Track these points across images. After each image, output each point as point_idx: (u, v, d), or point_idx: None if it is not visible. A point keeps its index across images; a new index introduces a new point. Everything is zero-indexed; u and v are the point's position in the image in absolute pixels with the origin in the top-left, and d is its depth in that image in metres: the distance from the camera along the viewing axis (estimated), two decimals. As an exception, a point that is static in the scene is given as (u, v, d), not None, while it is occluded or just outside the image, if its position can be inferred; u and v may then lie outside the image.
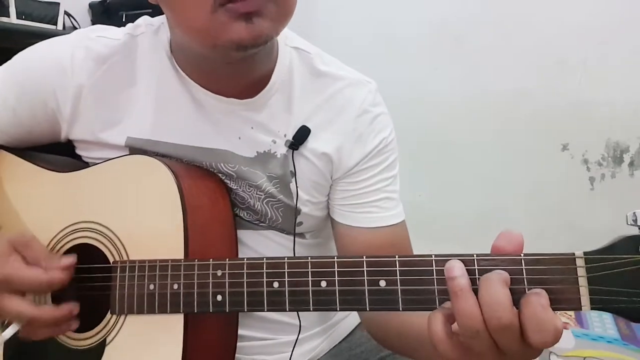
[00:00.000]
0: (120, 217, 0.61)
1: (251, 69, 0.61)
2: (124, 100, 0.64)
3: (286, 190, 0.65)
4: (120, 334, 0.58)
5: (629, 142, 1.81)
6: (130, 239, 0.59)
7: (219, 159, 0.64)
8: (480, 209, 1.96)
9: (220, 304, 0.53)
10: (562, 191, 1.88)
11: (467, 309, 0.40)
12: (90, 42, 0.64)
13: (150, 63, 0.64)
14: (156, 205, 0.59)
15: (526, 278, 0.42)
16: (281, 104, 0.64)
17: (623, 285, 0.40)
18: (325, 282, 0.49)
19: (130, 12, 1.61)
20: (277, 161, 0.64)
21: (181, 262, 0.56)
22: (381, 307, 0.47)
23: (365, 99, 0.66)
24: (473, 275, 0.43)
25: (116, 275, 0.58)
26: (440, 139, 2.03)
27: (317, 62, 0.66)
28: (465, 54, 1.98)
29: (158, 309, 0.56)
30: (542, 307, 0.39)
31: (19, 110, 0.65)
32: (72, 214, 0.63)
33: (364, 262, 0.48)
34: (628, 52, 1.76)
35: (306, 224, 0.67)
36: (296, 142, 0.63)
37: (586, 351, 1.57)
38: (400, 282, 0.46)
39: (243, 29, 0.50)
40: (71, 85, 0.63)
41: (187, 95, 0.63)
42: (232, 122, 0.63)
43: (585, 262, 0.41)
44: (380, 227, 0.65)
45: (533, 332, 0.39)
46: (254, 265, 0.52)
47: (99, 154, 0.66)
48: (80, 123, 0.65)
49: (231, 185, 0.65)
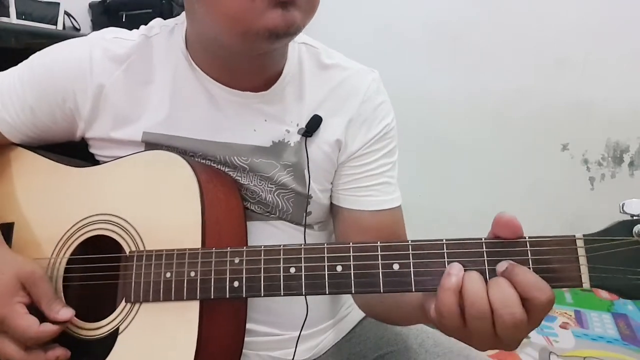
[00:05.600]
0: (138, 210, 0.63)
1: (268, 63, 0.65)
2: (141, 98, 0.67)
3: (300, 177, 0.68)
4: (134, 323, 0.59)
5: (629, 142, 1.82)
6: (148, 230, 0.61)
7: (232, 152, 0.67)
8: (480, 208, 1.94)
9: (237, 289, 0.55)
10: (562, 191, 1.89)
11: (447, 301, 0.45)
12: (107, 43, 0.67)
13: (165, 62, 0.67)
14: (175, 198, 0.61)
15: (531, 259, 0.46)
16: (292, 95, 0.68)
17: (618, 263, 0.44)
18: (340, 266, 0.52)
19: (130, 12, 1.62)
20: (291, 150, 0.68)
21: (199, 251, 0.58)
22: (394, 288, 0.50)
23: (369, 87, 0.71)
24: (482, 257, 0.47)
25: (132, 264, 0.60)
26: (439, 138, 2.04)
27: (323, 56, 0.71)
28: (464, 54, 1.99)
29: (174, 296, 0.57)
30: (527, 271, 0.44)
31: (37, 110, 0.67)
32: (89, 207, 0.65)
33: (378, 247, 0.51)
34: (628, 51, 1.78)
35: (314, 213, 0.71)
36: (309, 129, 0.67)
37: (586, 351, 1.58)
38: (413, 265, 0.49)
39: (279, 16, 0.53)
40: (91, 85, 0.66)
41: (202, 90, 0.66)
42: (246, 114, 0.67)
43: (585, 243, 0.45)
44: (381, 210, 0.69)
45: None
46: (271, 251, 0.55)
47: (115, 151, 0.68)
48: (99, 121, 0.68)
49: (243, 181, 0.68)
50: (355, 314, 0.79)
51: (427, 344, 0.71)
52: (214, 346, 0.59)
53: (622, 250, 0.44)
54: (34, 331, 0.56)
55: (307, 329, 0.70)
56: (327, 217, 0.74)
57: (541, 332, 1.72)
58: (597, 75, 1.82)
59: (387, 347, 0.73)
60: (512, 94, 1.94)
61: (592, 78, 1.83)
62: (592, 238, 0.45)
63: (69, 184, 0.68)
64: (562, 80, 1.87)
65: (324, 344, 0.74)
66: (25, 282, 0.58)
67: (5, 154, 0.72)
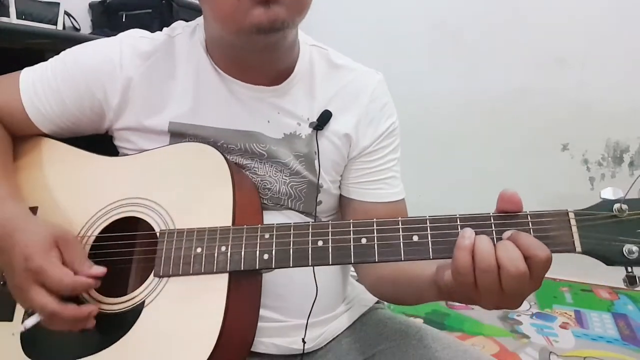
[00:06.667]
0: (169, 193, 0.67)
1: (276, 58, 0.73)
2: (166, 91, 0.73)
3: (311, 166, 0.75)
4: (161, 296, 0.62)
5: (629, 142, 1.85)
6: (179, 211, 0.66)
7: (252, 140, 0.73)
8: (480, 208, 1.96)
9: (266, 261, 0.60)
10: (562, 191, 1.89)
11: (462, 259, 0.52)
12: (135, 41, 0.75)
13: (188, 58, 0.74)
14: (207, 181, 0.66)
15: (532, 228, 0.54)
16: (303, 91, 0.76)
17: (603, 233, 0.53)
18: (365, 238, 0.58)
19: (130, 12, 1.61)
20: (302, 141, 0.75)
21: (230, 228, 0.62)
22: (414, 257, 0.56)
23: (375, 87, 0.80)
24: (490, 228, 0.55)
25: (163, 241, 0.64)
26: (439, 138, 2.05)
27: (333, 57, 0.80)
28: (465, 54, 2.01)
29: (205, 268, 0.61)
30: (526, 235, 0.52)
31: (68, 101, 0.73)
32: (119, 192, 0.69)
33: (399, 221, 0.58)
34: (628, 51, 1.81)
35: (324, 204, 0.78)
36: (320, 124, 0.75)
37: (586, 351, 1.59)
38: (431, 236, 0.56)
39: (262, 13, 0.61)
40: (120, 78, 0.72)
41: (222, 84, 0.73)
42: (261, 107, 0.74)
43: (575, 216, 0.54)
44: (389, 202, 0.78)
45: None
46: (300, 227, 0.60)
47: (141, 142, 0.74)
48: (128, 112, 0.74)
49: (259, 172, 0.74)
50: (356, 309, 0.84)
51: (427, 340, 0.75)
52: (236, 322, 0.62)
53: (606, 223, 0.53)
54: (70, 279, 0.59)
55: (314, 317, 0.74)
56: (335, 208, 0.81)
57: (541, 332, 1.72)
58: (597, 75, 1.85)
59: (385, 342, 0.78)
60: (512, 94, 1.96)
61: (592, 78, 1.85)
62: (581, 212, 0.54)
63: (98, 172, 0.72)
64: (562, 80, 1.89)
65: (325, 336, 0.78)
66: (59, 241, 0.61)
67: (36, 143, 0.76)
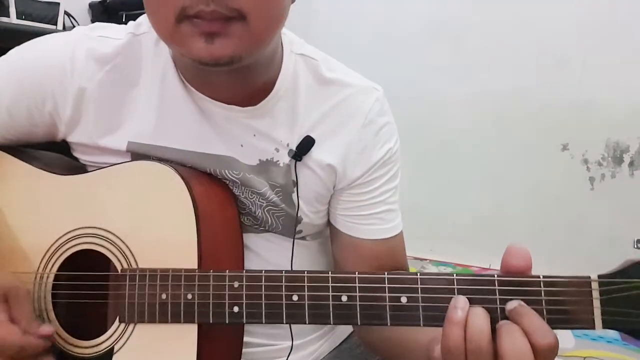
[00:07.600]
0: (129, 225, 0.59)
1: (248, 77, 0.60)
2: (126, 104, 0.62)
3: (288, 199, 0.65)
4: (129, 342, 0.58)
5: (629, 142, 1.82)
6: (140, 247, 0.58)
7: (223, 165, 0.63)
8: (480, 208, 1.98)
9: (237, 315, 0.53)
10: (562, 191, 1.89)
11: (454, 337, 0.44)
12: (92, 42, 0.62)
13: (153, 64, 0.62)
14: (168, 213, 0.58)
15: (544, 299, 0.45)
16: (285, 112, 0.63)
17: (632, 306, 0.43)
18: (346, 296, 0.50)
19: (130, 12, 1.65)
20: (280, 170, 0.64)
21: (195, 273, 0.55)
22: (402, 322, 0.49)
23: (371, 108, 0.65)
24: (494, 295, 0.46)
25: (125, 284, 0.57)
26: (439, 138, 2.04)
27: (323, 69, 0.65)
28: (464, 54, 1.98)
29: (171, 319, 0.55)
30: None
31: (14, 111, 0.62)
32: (76, 219, 0.62)
33: (385, 279, 0.49)
34: (628, 52, 1.77)
35: (306, 231, 0.68)
36: (299, 152, 0.63)
37: (586, 351, 1.58)
38: (422, 299, 0.48)
39: (202, 48, 0.49)
40: (72, 87, 0.61)
41: (190, 100, 0.62)
42: (233, 129, 0.62)
43: (599, 285, 0.44)
44: (381, 239, 0.66)
45: None
46: (272, 277, 0.52)
47: (99, 158, 0.64)
48: (81, 127, 0.63)
49: (236, 192, 0.65)
50: (343, 329, 0.78)
51: None
52: (213, 364, 0.58)
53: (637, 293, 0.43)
54: (19, 341, 0.53)
55: (303, 337, 0.70)
56: (322, 230, 0.71)
57: (541, 332, 1.75)
58: (597, 75, 1.82)
59: (374, 357, 0.73)
60: (512, 94, 1.93)
61: (592, 78, 1.82)
62: (607, 280, 0.44)
63: (54, 194, 0.64)
64: (562, 80, 1.87)
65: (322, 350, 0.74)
66: (8, 295, 0.55)
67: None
